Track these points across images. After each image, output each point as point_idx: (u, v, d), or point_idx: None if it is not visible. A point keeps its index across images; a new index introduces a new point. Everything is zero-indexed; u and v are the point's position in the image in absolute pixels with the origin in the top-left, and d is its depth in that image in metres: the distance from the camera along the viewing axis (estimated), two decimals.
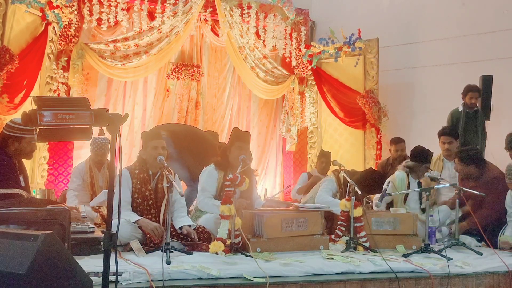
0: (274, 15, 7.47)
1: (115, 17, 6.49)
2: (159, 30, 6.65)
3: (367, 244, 3.93)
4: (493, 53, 6.85)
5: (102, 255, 2.12)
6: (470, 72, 6.72)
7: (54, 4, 5.99)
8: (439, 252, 3.83)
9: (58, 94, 6.10)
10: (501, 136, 5.30)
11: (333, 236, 4.14)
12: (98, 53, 6.37)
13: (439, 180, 4.40)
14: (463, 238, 4.26)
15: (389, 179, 4.92)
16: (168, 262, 3.12)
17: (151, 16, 6.81)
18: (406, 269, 3.39)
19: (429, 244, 3.91)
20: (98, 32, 6.61)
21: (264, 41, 7.53)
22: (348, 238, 3.95)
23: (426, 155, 4.87)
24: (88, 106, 2.10)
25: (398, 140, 6.28)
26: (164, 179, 3.88)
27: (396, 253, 3.90)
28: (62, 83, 6.18)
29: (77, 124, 2.07)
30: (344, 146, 7.57)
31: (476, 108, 6.02)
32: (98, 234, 3.56)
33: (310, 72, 7.81)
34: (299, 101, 7.86)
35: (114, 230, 2.11)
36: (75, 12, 6.27)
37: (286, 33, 7.69)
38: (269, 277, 3.01)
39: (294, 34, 7.75)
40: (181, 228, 3.80)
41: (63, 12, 6.10)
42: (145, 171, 3.96)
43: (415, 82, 7.64)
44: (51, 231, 2.06)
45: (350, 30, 7.37)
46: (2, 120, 5.32)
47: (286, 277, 3.10)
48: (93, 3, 6.33)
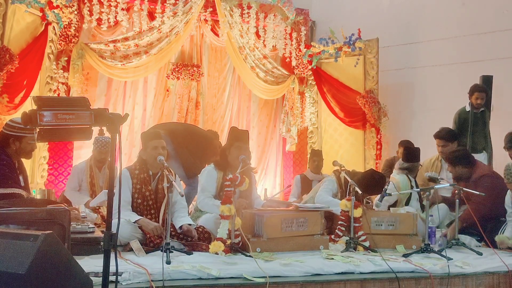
0: (274, 15, 7.47)
1: (115, 17, 6.49)
2: (159, 30, 6.65)
3: (366, 244, 3.93)
4: (493, 53, 6.84)
5: (102, 255, 2.12)
6: (470, 72, 6.71)
7: (54, 4, 5.98)
8: (439, 252, 3.83)
9: (58, 94, 6.10)
10: (501, 136, 5.30)
11: (333, 236, 4.14)
12: (98, 53, 6.37)
13: (439, 180, 4.40)
14: (463, 238, 4.26)
15: (390, 179, 4.94)
16: (168, 262, 3.12)
17: (151, 16, 6.80)
18: (406, 269, 3.39)
19: (429, 244, 3.91)
20: (98, 32, 6.61)
21: (264, 41, 7.52)
22: (348, 238, 3.95)
23: (418, 153, 4.97)
24: (88, 106, 2.10)
25: (408, 143, 6.19)
26: (164, 179, 3.89)
27: (396, 253, 3.90)
28: (62, 83, 6.17)
29: (77, 124, 2.07)
30: (344, 146, 7.57)
31: (483, 108, 5.85)
32: (98, 234, 3.56)
33: (310, 72, 7.80)
34: (299, 101, 7.85)
35: (114, 230, 2.11)
36: (75, 12, 6.26)
37: (286, 33, 7.69)
38: (269, 277, 3.01)
39: (294, 34, 7.75)
40: (181, 227, 3.80)
41: (63, 12, 6.10)
42: (145, 171, 3.96)
43: (415, 82, 7.64)
44: (51, 231, 2.05)
45: (350, 30, 7.37)
46: (2, 120, 5.32)
47: (286, 277, 3.10)
48: (93, 3, 6.32)
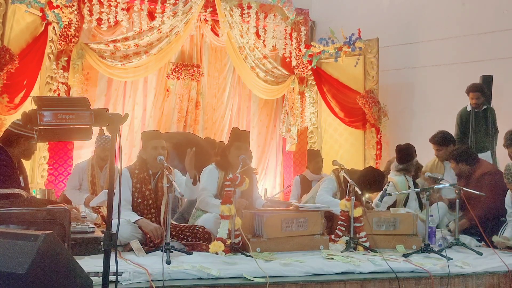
0: (274, 15, 7.46)
1: (115, 17, 6.48)
2: (159, 30, 6.65)
3: (366, 244, 3.93)
4: (493, 53, 6.84)
5: (102, 255, 2.12)
6: (470, 72, 6.71)
7: (54, 4, 5.98)
8: (439, 252, 3.83)
9: (58, 94, 6.10)
10: (501, 135, 5.31)
11: (333, 236, 4.15)
12: (98, 53, 6.37)
13: (439, 180, 4.40)
14: (463, 238, 4.26)
15: (388, 179, 4.93)
16: (168, 262, 3.12)
17: (151, 16, 6.80)
18: (406, 269, 3.39)
19: (429, 244, 3.91)
20: (98, 32, 6.60)
21: (264, 41, 7.52)
22: (348, 238, 3.96)
23: (410, 151, 4.96)
24: (88, 106, 2.10)
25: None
26: (164, 179, 3.89)
27: (396, 253, 3.91)
28: (62, 83, 6.17)
29: (77, 124, 2.07)
30: (344, 146, 7.57)
31: (485, 106, 5.79)
32: (98, 234, 3.56)
33: (310, 72, 7.80)
34: (299, 101, 7.85)
35: (114, 230, 2.11)
36: (75, 12, 6.25)
37: (286, 33, 7.68)
38: (269, 277, 3.01)
39: (294, 34, 7.74)
40: None
41: (63, 12, 6.09)
42: (145, 171, 3.96)
43: (415, 82, 7.63)
44: (51, 231, 2.05)
45: (350, 30, 7.37)
46: (2, 120, 5.32)
47: (286, 277, 3.10)
48: (93, 3, 6.32)
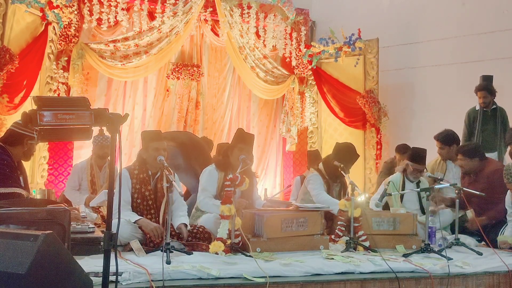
0: (274, 15, 7.47)
1: (115, 17, 6.49)
2: (159, 30, 6.65)
3: (366, 243, 3.93)
4: (493, 53, 6.84)
5: (102, 255, 2.12)
6: (470, 72, 6.71)
7: (54, 4, 5.99)
8: (439, 252, 3.83)
9: (58, 94, 6.10)
10: None
11: (333, 236, 4.14)
12: (98, 53, 6.37)
13: (439, 180, 4.40)
14: (463, 238, 4.25)
15: (389, 179, 4.92)
16: (168, 262, 3.12)
17: (151, 16, 6.80)
18: (406, 269, 3.39)
19: (429, 244, 3.91)
20: (98, 32, 6.61)
21: (264, 41, 7.52)
22: (348, 238, 3.95)
23: (423, 154, 4.86)
24: (88, 106, 2.10)
25: (405, 149, 6.07)
26: (163, 179, 3.89)
27: (396, 253, 3.90)
28: (62, 83, 6.17)
29: (77, 124, 2.07)
30: None
31: (494, 106, 5.82)
32: (98, 234, 3.56)
33: (310, 72, 7.81)
34: (299, 101, 7.85)
35: (114, 230, 2.11)
36: (75, 12, 6.26)
37: (286, 33, 7.69)
38: (269, 277, 3.01)
39: (294, 34, 7.75)
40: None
41: (63, 12, 6.10)
42: (144, 171, 3.95)
43: (415, 82, 7.63)
44: (51, 231, 2.05)
45: (350, 30, 7.37)
46: (2, 120, 5.31)
47: (286, 277, 3.10)
48: (93, 3, 6.32)
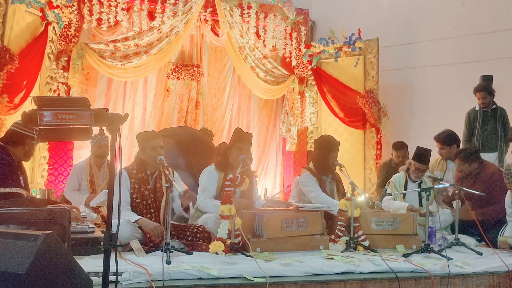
0: (274, 15, 7.46)
1: (115, 17, 6.48)
2: (159, 30, 6.65)
3: (366, 243, 3.93)
4: (493, 53, 6.85)
5: (102, 255, 2.12)
6: (470, 72, 6.72)
7: (54, 4, 5.98)
8: (439, 252, 3.83)
9: (58, 94, 6.09)
10: None
11: (333, 236, 4.14)
12: (98, 53, 6.37)
13: (439, 180, 4.40)
14: (463, 238, 4.26)
15: (392, 178, 4.94)
16: (168, 262, 3.12)
17: (151, 16, 6.80)
18: (406, 269, 3.39)
19: (429, 244, 3.91)
20: (98, 32, 6.60)
21: (264, 41, 7.52)
22: (348, 238, 3.95)
23: (427, 155, 4.86)
24: (88, 106, 2.10)
25: (401, 146, 6.16)
26: (162, 178, 3.89)
27: (396, 253, 3.90)
28: (62, 83, 6.17)
29: (77, 124, 2.07)
30: (344, 146, 7.55)
31: (494, 106, 5.80)
32: (98, 234, 3.56)
33: (310, 72, 7.80)
34: (299, 101, 7.85)
35: (114, 230, 2.11)
36: (75, 12, 6.25)
37: (286, 33, 7.68)
38: (269, 277, 3.01)
39: (294, 34, 7.75)
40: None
41: (63, 12, 6.10)
42: (143, 171, 3.95)
43: (415, 82, 7.64)
44: (51, 231, 2.05)
45: (350, 30, 7.37)
46: (2, 120, 5.31)
47: (286, 277, 3.10)
48: (93, 3, 6.32)
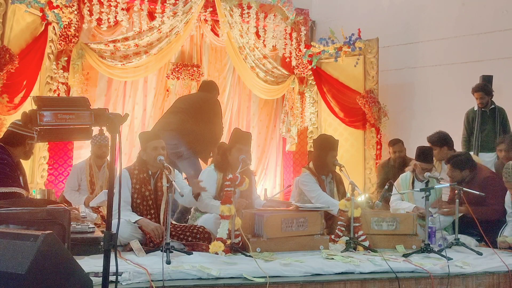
0: (274, 15, 7.46)
1: (115, 17, 6.48)
2: (159, 30, 6.64)
3: (366, 243, 3.93)
4: (493, 53, 6.85)
5: (102, 255, 2.12)
6: (470, 72, 6.71)
7: (54, 4, 5.98)
8: (439, 252, 3.83)
9: (58, 94, 6.09)
10: None
11: (333, 236, 4.15)
12: (98, 53, 6.36)
13: (439, 180, 4.40)
14: (463, 238, 4.26)
15: (399, 178, 4.97)
16: (168, 262, 3.13)
17: (151, 16, 6.80)
18: (406, 269, 3.39)
19: (429, 244, 3.91)
20: (98, 32, 6.60)
21: (264, 41, 7.52)
22: (348, 238, 3.96)
23: (429, 153, 4.84)
24: (88, 106, 2.10)
25: (396, 141, 6.23)
26: (164, 179, 3.89)
27: (396, 253, 3.90)
28: (62, 83, 6.16)
29: (77, 124, 2.07)
30: (344, 146, 7.56)
31: (493, 106, 5.79)
32: (98, 234, 3.56)
33: (310, 72, 7.80)
34: (299, 101, 7.85)
35: (114, 230, 2.11)
36: (75, 12, 6.25)
37: (286, 33, 7.68)
38: (269, 277, 3.01)
39: (294, 34, 7.74)
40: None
41: (63, 12, 6.09)
42: (144, 171, 3.95)
43: (415, 82, 7.63)
44: (51, 231, 2.05)
45: (350, 30, 7.37)
46: (2, 120, 5.31)
47: (286, 277, 3.10)
48: (93, 3, 6.31)
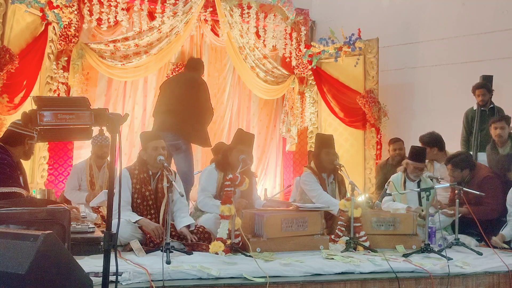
0: (274, 15, 7.46)
1: (115, 17, 6.48)
2: (159, 30, 6.65)
3: (366, 243, 3.93)
4: (493, 53, 6.84)
5: (102, 255, 2.12)
6: (470, 72, 6.71)
7: (54, 4, 5.98)
8: (439, 252, 3.83)
9: (58, 94, 6.09)
10: None
11: (333, 236, 4.15)
12: (98, 53, 6.37)
13: (439, 180, 4.40)
14: (463, 238, 4.26)
15: (390, 178, 4.93)
16: (168, 262, 3.13)
17: (151, 16, 6.80)
18: (406, 269, 3.39)
19: (429, 244, 3.91)
20: (98, 32, 6.60)
21: (264, 41, 7.52)
22: (348, 238, 3.96)
23: (422, 152, 4.84)
24: (88, 106, 2.10)
25: (397, 139, 6.31)
26: (164, 179, 3.89)
27: (396, 253, 3.90)
28: (62, 83, 6.16)
29: (77, 124, 2.07)
30: (344, 146, 7.57)
31: (492, 105, 5.82)
32: (98, 234, 3.56)
33: (310, 72, 7.80)
34: (299, 101, 7.85)
35: (114, 230, 2.11)
36: (75, 12, 6.25)
37: (286, 33, 7.68)
38: (269, 277, 3.01)
39: (294, 34, 7.75)
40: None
41: (63, 12, 6.09)
42: (145, 172, 3.96)
43: (415, 82, 7.63)
44: (51, 231, 2.05)
45: (350, 30, 7.37)
46: (2, 120, 5.31)
47: (286, 277, 3.10)
48: (93, 3, 6.32)
